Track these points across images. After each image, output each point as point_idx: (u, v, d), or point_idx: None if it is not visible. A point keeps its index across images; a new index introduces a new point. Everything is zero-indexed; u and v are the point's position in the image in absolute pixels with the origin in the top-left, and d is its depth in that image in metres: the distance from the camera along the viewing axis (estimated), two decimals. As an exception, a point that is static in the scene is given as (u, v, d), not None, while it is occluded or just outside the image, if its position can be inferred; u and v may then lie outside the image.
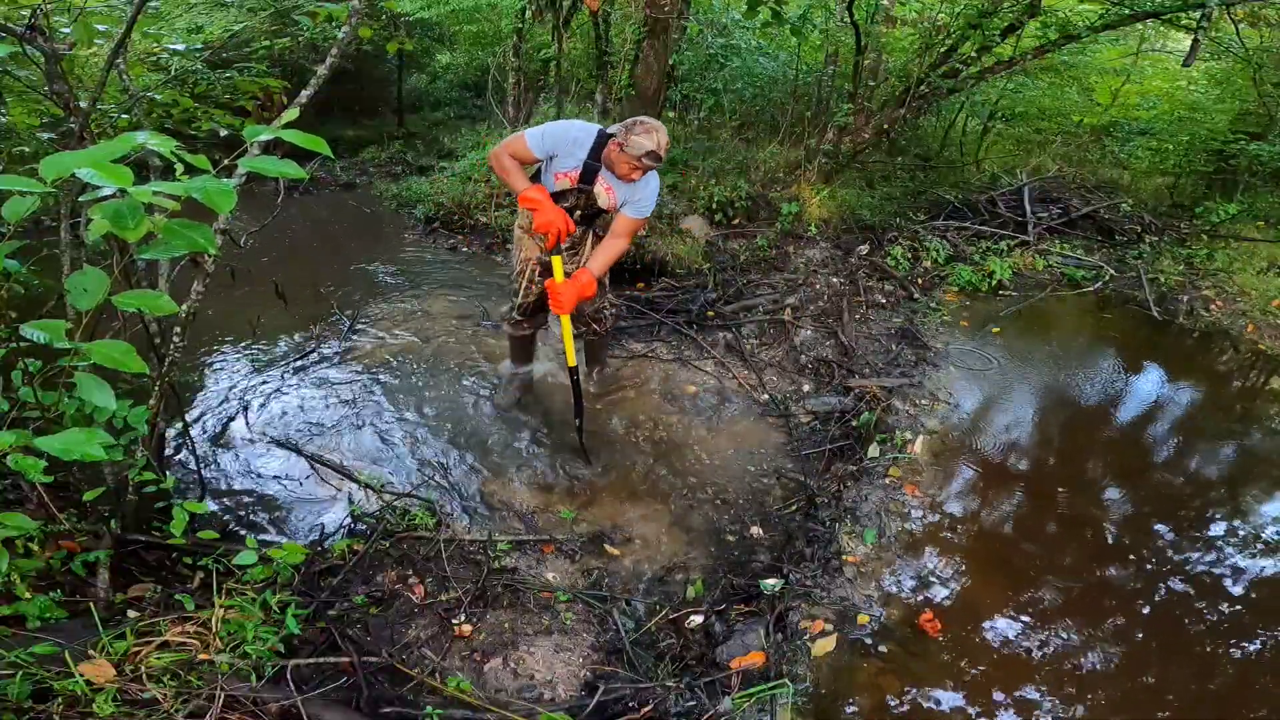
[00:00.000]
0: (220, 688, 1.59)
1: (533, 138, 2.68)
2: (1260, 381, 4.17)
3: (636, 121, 2.63)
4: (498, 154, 2.72)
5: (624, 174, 2.69)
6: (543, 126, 2.71)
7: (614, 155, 2.67)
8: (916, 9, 6.27)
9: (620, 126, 2.65)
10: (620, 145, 2.61)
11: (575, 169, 2.74)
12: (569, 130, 2.72)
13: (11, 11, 2.39)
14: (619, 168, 2.68)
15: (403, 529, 2.50)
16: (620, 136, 2.62)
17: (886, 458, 3.06)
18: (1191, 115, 6.89)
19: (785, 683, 1.98)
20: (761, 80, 6.88)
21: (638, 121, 2.63)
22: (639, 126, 2.61)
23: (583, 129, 2.73)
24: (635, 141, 2.59)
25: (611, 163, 2.70)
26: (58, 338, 1.12)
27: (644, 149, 2.59)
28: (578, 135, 2.71)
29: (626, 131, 2.61)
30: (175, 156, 1.11)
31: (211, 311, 3.77)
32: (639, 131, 2.60)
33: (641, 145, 2.58)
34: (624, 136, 2.60)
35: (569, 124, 2.76)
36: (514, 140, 2.71)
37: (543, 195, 2.70)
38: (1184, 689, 2.15)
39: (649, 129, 2.60)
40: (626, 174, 2.69)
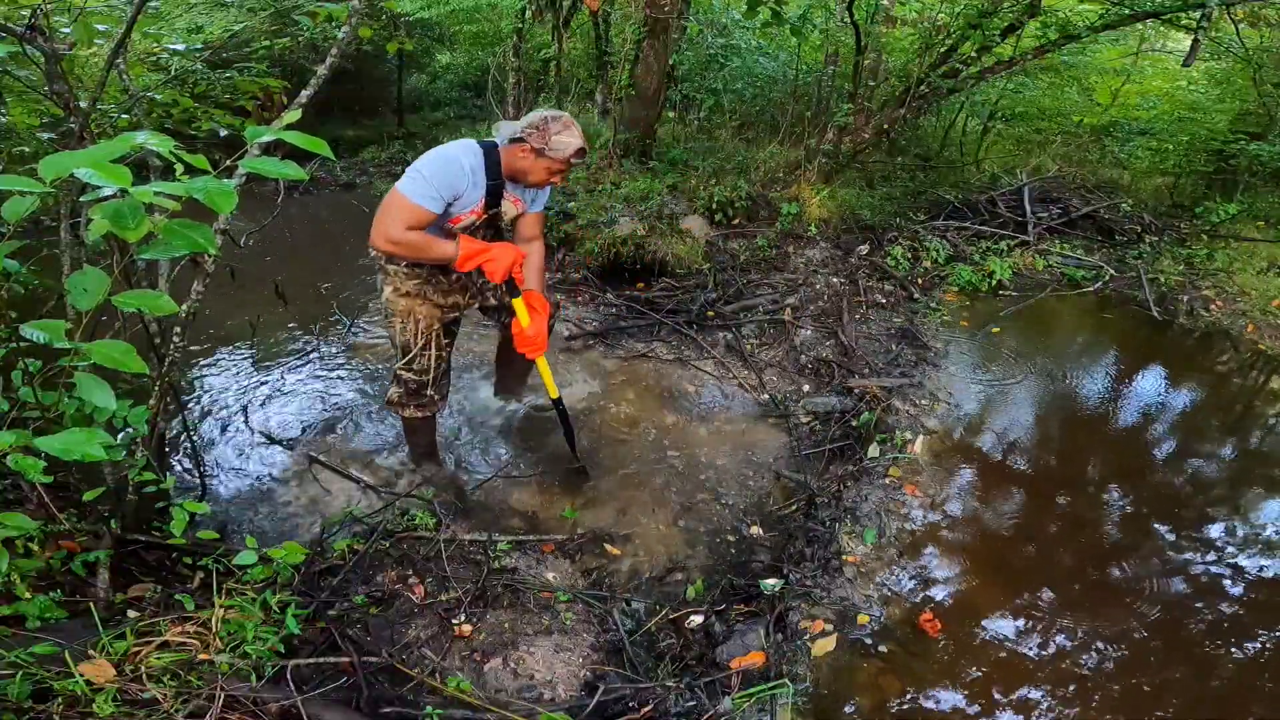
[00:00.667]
0: (220, 688, 1.59)
1: (425, 198, 2.16)
2: (1260, 381, 4.17)
3: (546, 118, 2.22)
4: (396, 237, 2.16)
5: (541, 180, 2.32)
6: (420, 173, 2.17)
7: (528, 163, 2.26)
8: (916, 9, 6.27)
9: (522, 127, 2.23)
10: (537, 150, 2.22)
11: (479, 201, 2.31)
12: (457, 164, 2.22)
13: (11, 11, 2.40)
14: (534, 175, 2.29)
15: (403, 529, 2.50)
16: (533, 140, 2.21)
17: (886, 458, 3.06)
18: (1191, 115, 6.89)
19: (785, 683, 1.98)
20: (761, 80, 6.89)
21: (548, 118, 2.22)
22: (555, 124, 2.21)
23: (467, 152, 2.26)
24: (560, 142, 2.21)
25: (523, 171, 2.29)
26: (58, 338, 1.13)
27: (572, 148, 2.23)
28: (470, 164, 2.24)
29: (541, 133, 2.21)
30: (175, 156, 1.11)
31: (211, 311, 3.77)
32: (558, 129, 2.21)
33: (568, 145, 2.22)
34: (541, 139, 2.21)
35: (448, 157, 2.22)
36: (403, 212, 2.15)
37: (477, 243, 2.29)
38: (1184, 689, 2.15)
39: (566, 123, 2.23)
40: (545, 180, 2.32)
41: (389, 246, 2.21)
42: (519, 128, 2.25)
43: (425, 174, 2.17)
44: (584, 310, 4.48)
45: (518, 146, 2.26)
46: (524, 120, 2.26)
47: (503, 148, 2.29)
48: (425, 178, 2.17)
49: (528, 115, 2.28)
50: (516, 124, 2.28)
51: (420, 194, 2.16)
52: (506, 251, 2.31)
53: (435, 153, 2.24)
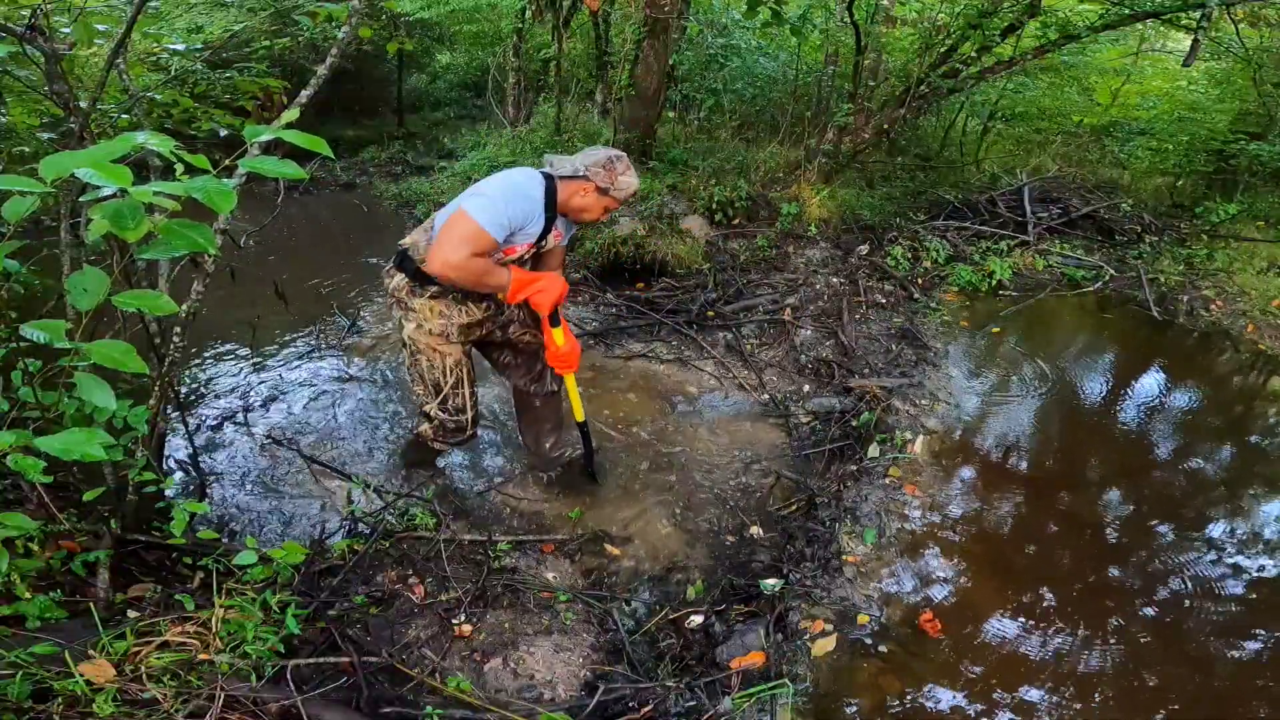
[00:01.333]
0: (220, 688, 1.59)
1: (495, 226, 2.10)
2: (1260, 381, 4.17)
3: (611, 158, 2.23)
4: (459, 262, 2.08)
5: (595, 218, 2.33)
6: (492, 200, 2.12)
7: (588, 200, 2.26)
8: (916, 9, 6.28)
9: (587, 165, 2.22)
10: (601, 189, 2.23)
11: (535, 233, 2.28)
12: (531, 197, 2.19)
13: (11, 11, 2.39)
14: (591, 212, 2.30)
15: (403, 529, 2.50)
16: (600, 179, 2.22)
17: (886, 458, 3.06)
18: (1191, 115, 6.89)
19: (785, 683, 1.98)
20: (761, 80, 6.89)
21: (613, 158, 2.23)
22: (619, 164, 2.23)
23: (535, 185, 2.22)
24: (625, 182, 2.24)
25: (579, 208, 2.29)
26: (58, 338, 1.12)
27: (634, 188, 2.28)
28: (536, 199, 2.21)
29: (608, 172, 2.22)
30: (175, 156, 1.11)
31: (211, 311, 3.77)
32: (623, 169, 2.23)
33: (631, 185, 2.26)
34: (608, 178, 2.22)
35: (521, 187, 2.18)
36: (470, 237, 2.08)
37: (527, 274, 2.27)
38: (1184, 689, 2.15)
39: (629, 164, 2.26)
40: (598, 217, 2.33)
41: (449, 271, 2.10)
42: (581, 165, 2.23)
43: (498, 202, 2.11)
44: (584, 310, 4.48)
45: (580, 183, 2.24)
46: (586, 158, 2.24)
47: (561, 182, 2.25)
48: (498, 206, 2.10)
49: (588, 153, 2.26)
50: (574, 160, 2.25)
51: (492, 221, 2.10)
52: (555, 283, 2.28)
53: (506, 180, 2.19)
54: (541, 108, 7.57)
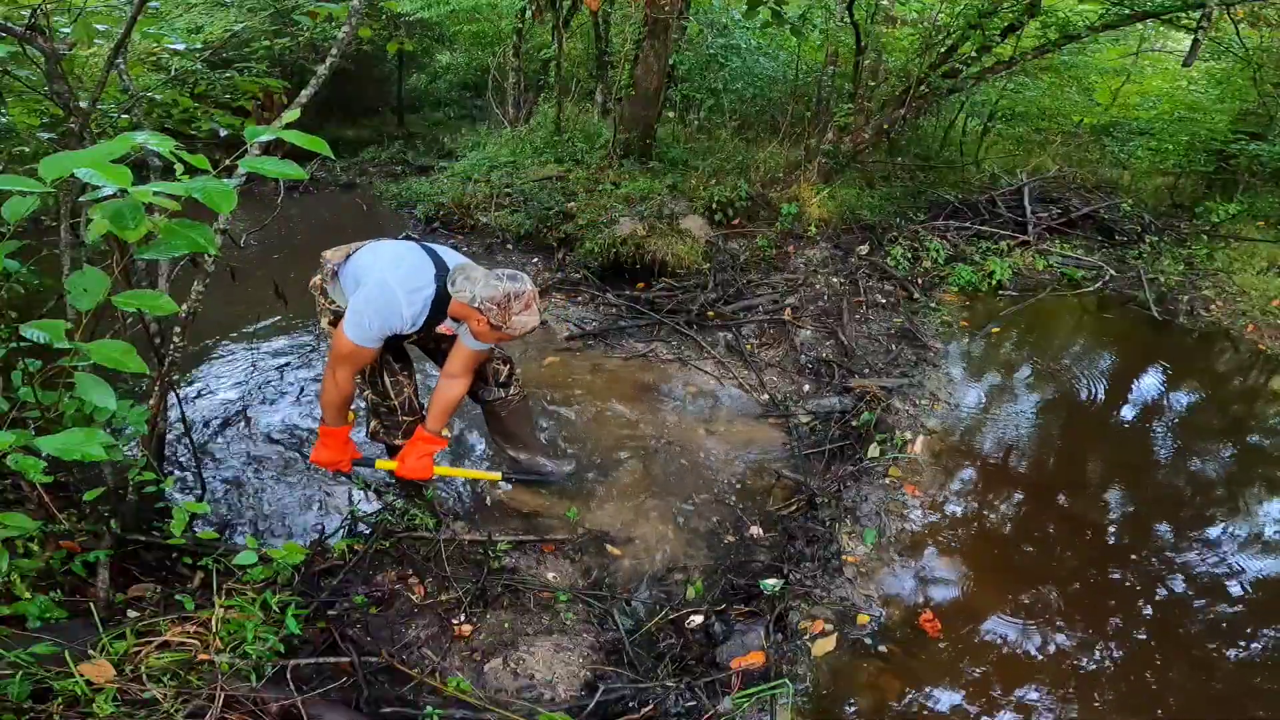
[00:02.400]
0: (220, 688, 1.59)
1: (364, 339, 2.17)
2: (1260, 381, 4.17)
3: (509, 296, 2.13)
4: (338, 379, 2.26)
5: (488, 342, 2.31)
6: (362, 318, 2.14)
7: (479, 328, 2.21)
8: (916, 9, 6.28)
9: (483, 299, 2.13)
10: (494, 325, 2.16)
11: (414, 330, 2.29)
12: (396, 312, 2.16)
13: (11, 11, 2.40)
14: (483, 338, 2.27)
15: (402, 529, 2.50)
16: (494, 316, 2.14)
17: (886, 458, 3.06)
18: (1191, 115, 6.89)
19: (785, 683, 1.98)
20: (761, 80, 6.89)
21: (510, 296, 2.14)
22: (516, 303, 2.14)
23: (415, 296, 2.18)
24: (519, 322, 2.17)
25: (472, 331, 2.26)
26: (58, 338, 1.13)
27: (529, 327, 2.20)
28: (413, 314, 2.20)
29: (502, 311, 2.13)
30: (175, 156, 1.11)
31: (212, 311, 3.77)
32: (519, 309, 2.15)
33: (526, 324, 2.19)
34: (500, 317, 2.14)
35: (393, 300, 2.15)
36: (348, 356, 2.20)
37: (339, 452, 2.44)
38: (1184, 689, 2.15)
39: (527, 301, 2.16)
40: (492, 342, 2.32)
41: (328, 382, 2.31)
42: (478, 295, 2.14)
43: (366, 319, 2.16)
44: (584, 310, 4.48)
45: (473, 311, 2.18)
46: (484, 288, 2.14)
47: (456, 299, 2.20)
48: (367, 324, 2.16)
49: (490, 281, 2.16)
50: (474, 286, 2.16)
51: (364, 338, 2.18)
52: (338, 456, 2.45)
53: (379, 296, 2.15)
54: (541, 108, 7.56)
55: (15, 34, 1.97)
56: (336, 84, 6.10)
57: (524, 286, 2.17)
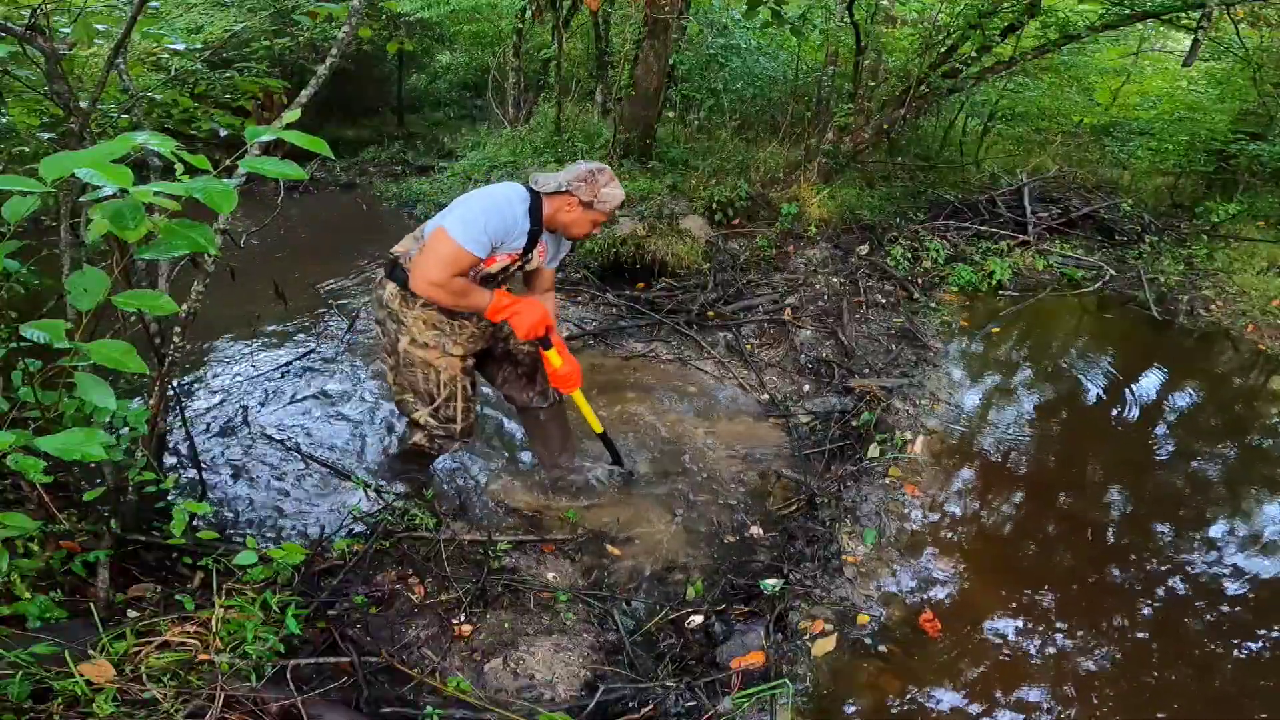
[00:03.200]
0: (220, 688, 1.59)
1: (475, 243, 2.13)
2: (1260, 381, 4.17)
3: (592, 171, 2.24)
4: (439, 280, 2.15)
5: (583, 232, 2.33)
6: (473, 217, 2.14)
7: (574, 215, 2.26)
8: (916, 9, 6.28)
9: (568, 180, 2.22)
10: (585, 203, 2.23)
11: (519, 246, 2.30)
12: (509, 211, 2.19)
13: (11, 11, 2.39)
14: (578, 227, 2.30)
15: (402, 529, 2.50)
16: (583, 192, 2.21)
17: (886, 458, 3.06)
18: (1191, 115, 6.90)
19: (785, 683, 1.98)
20: (761, 80, 6.90)
21: (594, 170, 2.24)
22: (602, 175, 2.24)
23: (517, 199, 2.23)
24: (608, 194, 2.23)
25: (566, 224, 2.30)
26: (58, 338, 1.12)
27: (619, 199, 2.26)
28: (518, 213, 2.22)
29: (589, 185, 2.22)
30: (175, 156, 1.11)
31: (211, 311, 3.77)
32: (605, 182, 2.23)
33: (615, 197, 2.25)
34: (590, 191, 2.21)
35: (500, 201, 2.19)
36: (449, 256, 2.13)
37: (511, 299, 2.30)
38: (1184, 689, 2.15)
39: (610, 175, 2.25)
40: (587, 232, 2.33)
41: (430, 289, 2.17)
42: (563, 180, 2.23)
43: (479, 218, 2.13)
44: (584, 310, 4.48)
45: (564, 198, 2.24)
46: (566, 173, 2.24)
47: (547, 197, 2.26)
48: (482, 223, 2.13)
49: (570, 168, 2.26)
50: (557, 176, 2.25)
51: (471, 239, 2.13)
52: (533, 309, 2.29)
53: (486, 196, 2.20)
54: (541, 108, 7.56)
55: (15, 34, 1.97)
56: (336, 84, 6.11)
57: (603, 166, 2.26)
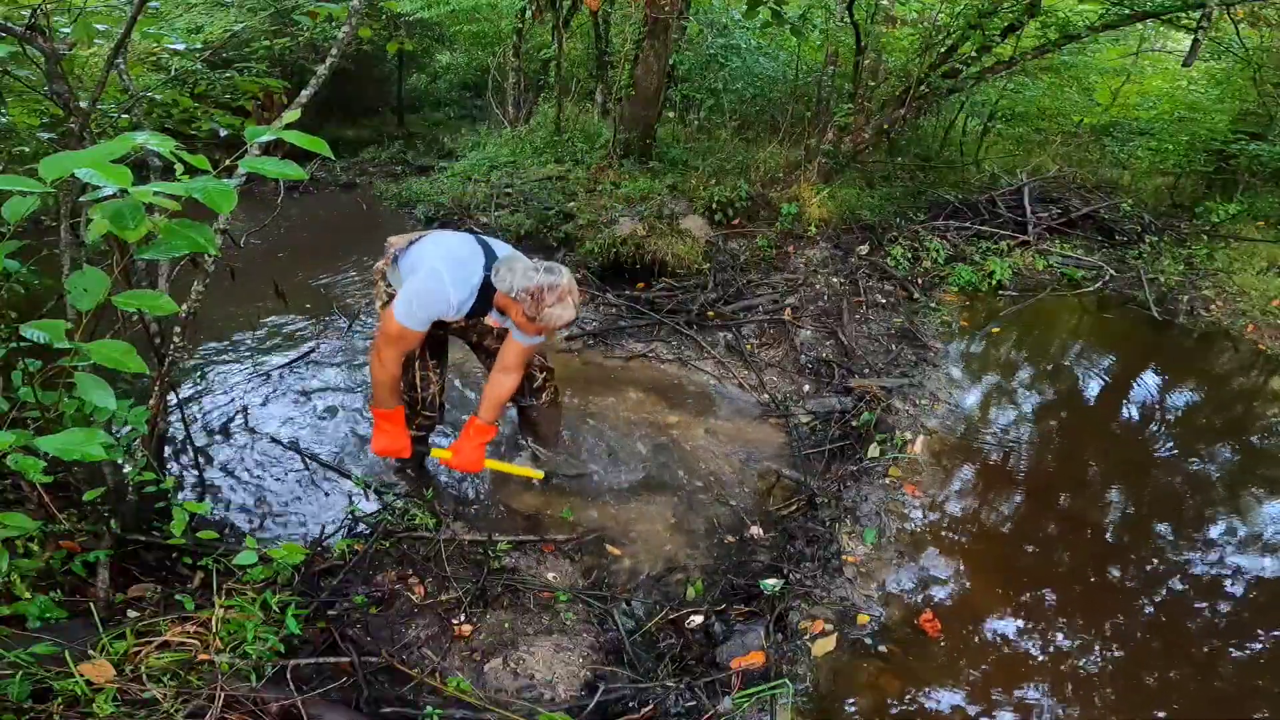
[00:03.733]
0: (220, 688, 1.59)
1: (412, 322, 2.26)
2: (1260, 381, 4.17)
3: (542, 289, 2.19)
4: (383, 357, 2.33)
5: (530, 333, 2.36)
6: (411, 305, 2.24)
7: (518, 319, 2.29)
8: (916, 9, 6.28)
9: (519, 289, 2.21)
10: (528, 316, 2.22)
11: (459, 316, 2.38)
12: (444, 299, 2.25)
13: (11, 11, 2.39)
14: (524, 329, 2.33)
15: (402, 529, 2.50)
16: (527, 306, 2.21)
17: (886, 458, 3.06)
18: (1191, 115, 6.89)
19: (785, 683, 1.98)
20: (761, 80, 6.89)
21: (544, 289, 2.19)
22: (550, 294, 2.19)
23: (463, 284, 2.27)
24: (551, 315, 2.21)
25: (514, 321, 2.33)
26: (58, 338, 1.13)
27: (563, 321, 2.25)
28: (459, 299, 2.28)
29: (535, 302, 2.19)
30: (175, 157, 1.11)
31: (212, 311, 3.77)
32: (551, 301, 2.19)
33: (559, 318, 2.23)
34: (534, 309, 2.20)
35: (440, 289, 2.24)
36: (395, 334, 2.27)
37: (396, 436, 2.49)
38: (1184, 689, 2.15)
39: (561, 294, 2.20)
40: (531, 334, 2.36)
41: (373, 354, 2.38)
42: (514, 286, 2.23)
43: (412, 302, 2.25)
44: (584, 310, 4.48)
45: (509, 302, 2.28)
46: (522, 278, 2.22)
47: (498, 289, 2.28)
48: (411, 306, 2.25)
49: (528, 272, 2.23)
50: (514, 276, 2.24)
51: (410, 319, 2.27)
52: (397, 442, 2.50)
53: (428, 285, 2.25)
54: (541, 108, 7.56)
55: (15, 34, 1.97)
56: (336, 84, 6.11)
57: (559, 280, 2.23)
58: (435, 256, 2.31)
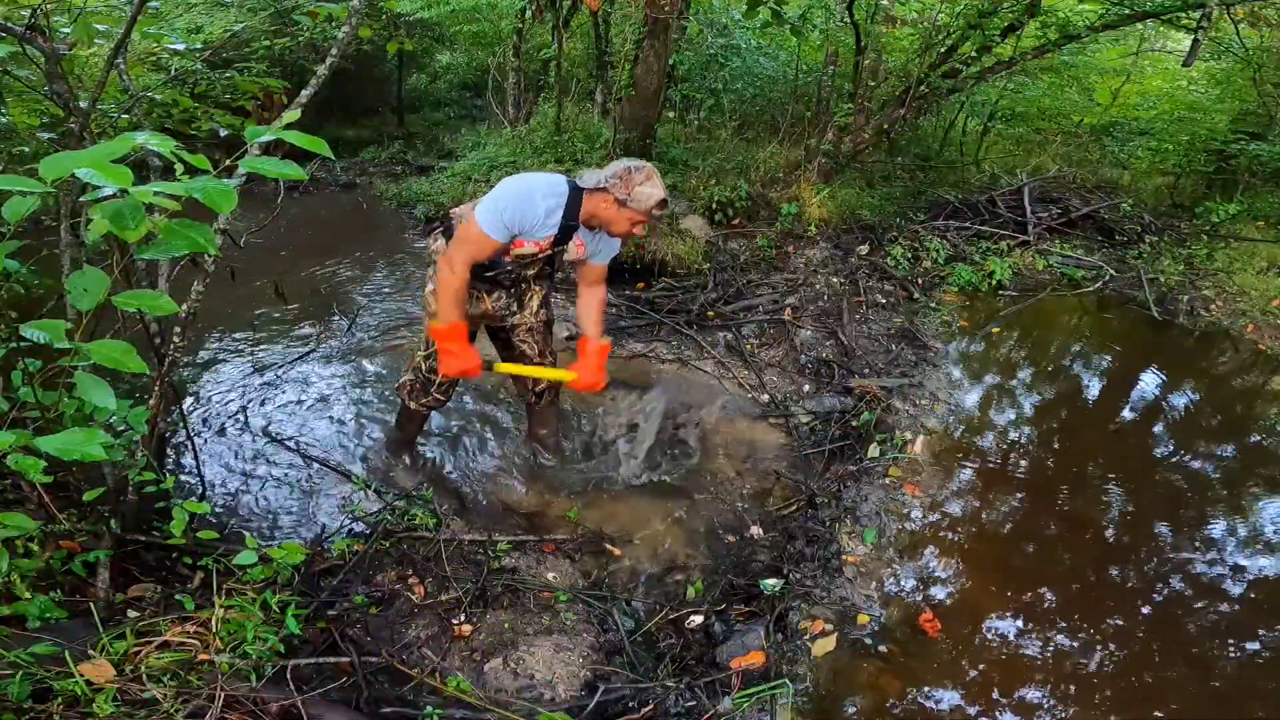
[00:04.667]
0: (220, 688, 1.59)
1: (492, 226, 2.18)
2: (1260, 381, 4.17)
3: (630, 169, 2.21)
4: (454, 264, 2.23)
5: (623, 230, 2.30)
6: (498, 203, 2.18)
7: (611, 213, 2.25)
8: (916, 9, 6.28)
9: (605, 177, 2.22)
10: (619, 200, 2.20)
11: (549, 236, 2.30)
12: (533, 204, 2.19)
13: (11, 11, 2.39)
14: (617, 225, 2.28)
15: (402, 529, 2.50)
16: (616, 190, 2.19)
17: (886, 458, 3.06)
18: (1191, 115, 6.89)
19: (785, 683, 1.98)
20: (761, 80, 6.89)
21: (631, 169, 2.21)
22: (638, 174, 2.20)
23: (550, 192, 2.22)
24: (642, 193, 2.19)
25: (603, 220, 2.28)
26: (58, 338, 1.12)
27: (655, 199, 2.20)
28: (541, 207, 2.21)
29: (624, 183, 2.19)
30: (175, 156, 1.11)
31: (212, 311, 3.77)
32: (641, 180, 2.19)
33: (651, 196, 2.19)
34: (623, 189, 2.19)
35: (530, 191, 2.20)
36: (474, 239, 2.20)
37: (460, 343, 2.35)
38: (1184, 689, 2.15)
39: (649, 174, 2.21)
40: (627, 230, 2.29)
41: (443, 265, 2.29)
42: (602, 177, 2.23)
43: (503, 206, 2.18)
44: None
45: (600, 195, 2.24)
46: (607, 170, 2.24)
47: (586, 194, 2.26)
48: (501, 210, 2.18)
49: (611, 165, 2.26)
50: (600, 172, 2.26)
51: (490, 224, 2.19)
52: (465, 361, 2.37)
53: (515, 185, 2.22)
54: (541, 108, 7.56)
55: (15, 34, 1.97)
56: (336, 84, 6.10)
57: (643, 164, 2.23)
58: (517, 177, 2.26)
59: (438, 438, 3.14)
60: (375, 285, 4.73)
